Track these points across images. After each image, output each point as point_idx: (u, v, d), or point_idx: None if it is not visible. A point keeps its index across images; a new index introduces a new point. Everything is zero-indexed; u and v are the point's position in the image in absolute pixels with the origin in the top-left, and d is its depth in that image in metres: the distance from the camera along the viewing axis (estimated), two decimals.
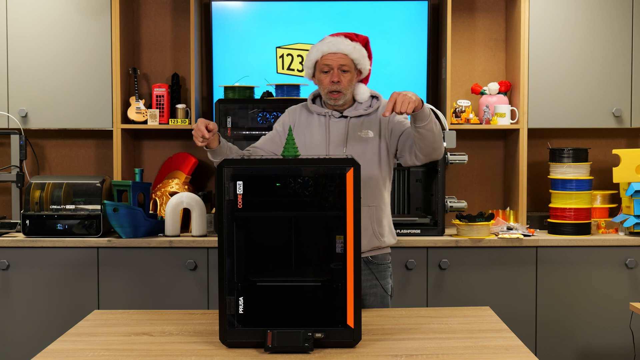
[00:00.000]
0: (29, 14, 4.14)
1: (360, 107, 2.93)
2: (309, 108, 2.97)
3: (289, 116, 3.02)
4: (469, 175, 4.52)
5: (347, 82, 2.86)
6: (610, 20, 4.15)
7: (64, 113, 4.17)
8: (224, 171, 2.29)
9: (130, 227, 3.87)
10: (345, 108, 2.93)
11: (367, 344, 2.33)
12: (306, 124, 2.95)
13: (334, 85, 2.84)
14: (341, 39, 2.87)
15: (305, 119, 2.96)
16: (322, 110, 2.93)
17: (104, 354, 2.25)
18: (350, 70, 2.86)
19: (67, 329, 2.57)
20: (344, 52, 2.85)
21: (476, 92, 4.33)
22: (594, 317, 3.95)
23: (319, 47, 2.87)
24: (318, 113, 2.94)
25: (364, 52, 2.91)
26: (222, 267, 2.29)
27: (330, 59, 2.84)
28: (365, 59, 2.91)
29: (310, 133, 2.92)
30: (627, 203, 4.02)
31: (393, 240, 2.97)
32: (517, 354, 2.25)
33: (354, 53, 2.86)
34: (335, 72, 2.84)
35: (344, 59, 2.85)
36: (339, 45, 2.84)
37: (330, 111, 2.92)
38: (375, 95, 2.97)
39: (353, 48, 2.86)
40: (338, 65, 2.84)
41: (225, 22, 4.34)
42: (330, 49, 2.85)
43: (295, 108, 3.03)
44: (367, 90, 2.95)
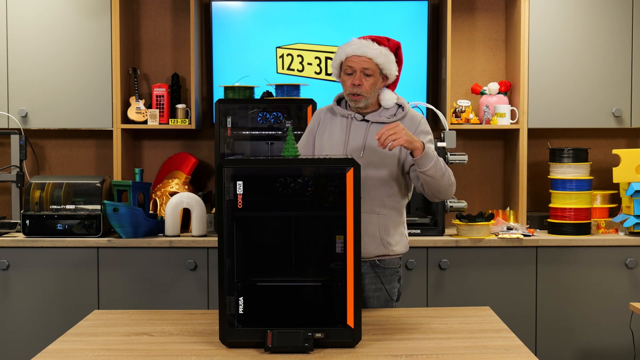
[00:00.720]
0: (29, 14, 4.14)
1: (385, 113, 2.89)
2: (334, 109, 2.95)
3: (315, 118, 3.01)
4: (469, 175, 4.52)
5: (370, 86, 2.82)
6: (610, 20, 4.15)
7: (64, 113, 4.17)
8: (224, 171, 2.29)
9: (130, 227, 3.87)
10: (368, 112, 2.89)
11: (367, 344, 2.33)
12: (329, 124, 2.93)
13: (355, 88, 2.81)
14: (368, 42, 2.83)
15: (329, 120, 2.94)
16: (346, 112, 2.90)
17: (104, 354, 2.25)
18: (373, 75, 2.82)
19: (67, 329, 2.57)
20: (369, 55, 2.80)
21: (476, 92, 4.33)
22: (594, 317, 3.95)
23: (344, 49, 2.84)
24: (341, 115, 2.91)
25: (391, 57, 2.85)
26: (222, 267, 2.29)
27: (353, 61, 2.81)
28: (392, 64, 2.85)
29: (330, 134, 2.90)
30: (627, 203, 4.02)
31: (403, 249, 2.91)
32: (517, 354, 2.25)
33: (379, 58, 2.81)
34: (357, 75, 2.80)
35: (367, 62, 2.80)
36: (363, 49, 2.81)
37: (352, 113, 2.89)
38: (401, 104, 2.91)
39: (379, 52, 2.81)
40: (361, 69, 2.80)
41: (225, 22, 4.34)
42: (355, 52, 2.81)
43: (321, 109, 3.02)
44: (394, 97, 2.90)
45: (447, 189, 2.79)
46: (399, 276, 2.94)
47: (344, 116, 2.91)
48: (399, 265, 2.93)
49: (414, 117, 2.91)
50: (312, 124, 3.00)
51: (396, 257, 2.91)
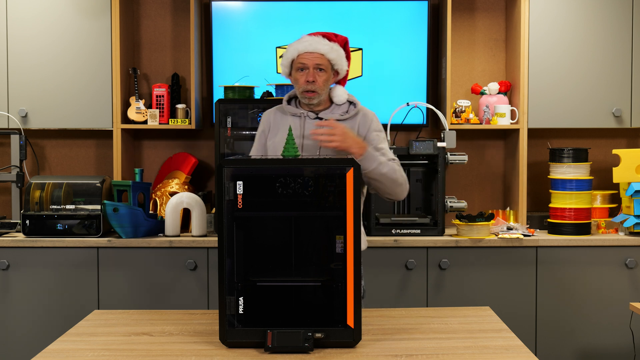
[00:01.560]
0: (29, 14, 4.14)
1: (337, 110, 2.91)
2: (284, 109, 2.95)
3: (264, 121, 3.00)
4: (469, 175, 4.52)
5: (323, 82, 2.85)
6: (610, 20, 4.15)
7: (64, 113, 4.17)
8: (224, 171, 2.29)
9: (130, 227, 3.87)
10: (321, 109, 2.91)
11: (367, 344, 2.33)
12: (280, 125, 2.93)
13: (309, 84, 2.83)
14: (319, 38, 2.86)
15: (280, 121, 2.94)
16: (297, 111, 2.91)
17: (104, 354, 2.25)
18: (326, 70, 2.85)
19: (67, 329, 2.57)
20: (321, 51, 2.84)
21: (476, 92, 4.33)
22: (594, 317, 3.95)
23: (296, 46, 2.86)
24: (293, 114, 2.92)
25: (341, 52, 2.90)
26: (222, 267, 2.29)
27: (306, 58, 2.83)
28: (342, 59, 2.90)
29: (283, 134, 2.89)
30: (627, 203, 4.02)
31: (363, 246, 2.92)
32: (517, 354, 2.25)
33: (331, 53, 2.85)
34: (310, 72, 2.83)
35: (320, 58, 2.84)
36: (315, 45, 2.84)
37: (305, 112, 2.90)
38: (352, 101, 2.95)
39: (330, 48, 2.85)
40: (314, 65, 2.83)
41: (225, 22, 4.34)
42: (307, 48, 2.84)
43: (269, 112, 3.00)
44: (345, 93, 2.93)
45: (396, 190, 2.82)
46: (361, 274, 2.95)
47: (295, 115, 2.91)
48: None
49: (366, 114, 2.93)
50: (261, 127, 2.99)
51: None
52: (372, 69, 4.34)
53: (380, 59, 4.34)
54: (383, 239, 3.88)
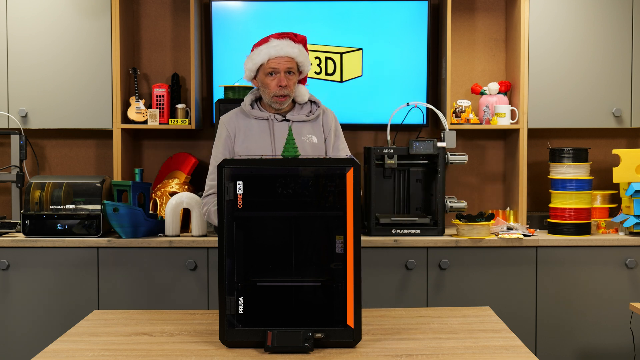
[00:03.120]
0: (29, 14, 4.14)
1: (302, 111, 2.94)
2: (247, 113, 2.94)
3: (227, 127, 2.97)
4: (469, 175, 4.52)
5: (293, 85, 2.89)
6: (610, 20, 4.15)
7: (64, 113, 4.17)
8: (224, 171, 2.29)
9: (130, 227, 3.87)
10: (286, 111, 2.93)
11: (367, 344, 2.33)
12: (246, 130, 2.93)
13: (282, 89, 2.84)
14: (287, 41, 2.88)
15: (244, 126, 2.93)
16: (264, 115, 2.91)
17: (104, 354, 2.25)
18: (295, 73, 2.89)
19: (67, 329, 2.57)
20: (291, 55, 2.86)
21: (476, 92, 4.33)
22: (594, 317, 3.95)
23: (267, 50, 2.86)
24: (258, 117, 2.92)
25: (306, 53, 2.93)
26: (222, 267, 2.29)
27: (277, 62, 2.85)
28: (307, 60, 2.94)
29: (253, 139, 2.90)
30: (627, 203, 4.02)
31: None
32: (517, 354, 2.25)
33: (299, 56, 2.88)
34: (282, 76, 2.84)
35: (290, 62, 2.86)
36: (286, 49, 2.85)
37: (272, 115, 2.91)
38: (314, 100, 2.98)
39: (298, 51, 2.88)
40: (285, 69, 2.85)
41: (225, 22, 4.34)
42: (278, 53, 2.85)
43: (229, 116, 2.99)
44: (307, 92, 2.96)
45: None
46: None
47: (262, 119, 2.91)
48: None
49: (328, 114, 3.01)
50: (224, 133, 2.97)
51: None
52: (372, 69, 4.34)
53: (380, 59, 4.34)
54: (383, 239, 3.88)
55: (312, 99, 2.99)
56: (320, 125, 2.94)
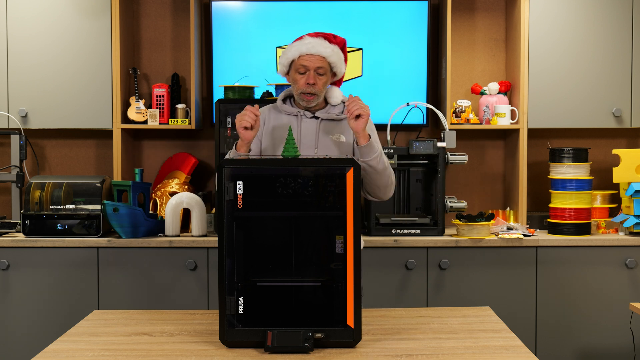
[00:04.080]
0: (29, 14, 4.14)
1: (333, 110, 2.92)
2: (279, 108, 2.94)
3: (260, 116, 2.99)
4: (469, 175, 4.52)
5: (322, 85, 2.85)
6: (610, 20, 4.15)
7: (64, 113, 4.17)
8: (224, 171, 2.29)
9: (130, 227, 3.87)
10: (317, 109, 2.91)
11: (367, 344, 2.33)
12: (275, 124, 2.92)
13: (309, 87, 2.83)
14: (320, 40, 2.85)
15: (275, 119, 2.93)
16: (294, 110, 2.91)
17: (104, 354, 2.25)
18: (326, 73, 2.85)
19: (67, 329, 2.57)
20: (323, 54, 2.83)
21: (476, 92, 4.33)
22: (594, 317, 3.95)
23: (298, 47, 2.85)
24: (288, 113, 2.91)
25: (341, 55, 2.89)
26: (222, 267, 2.29)
27: (307, 60, 2.82)
28: (342, 62, 2.90)
29: (279, 133, 2.89)
30: (627, 203, 4.02)
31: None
32: (517, 354, 2.25)
33: (332, 57, 2.84)
34: (311, 74, 2.82)
35: (321, 61, 2.83)
36: (318, 48, 2.82)
37: (301, 111, 2.90)
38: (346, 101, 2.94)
39: (331, 51, 2.84)
40: (315, 68, 2.82)
41: (225, 22, 4.34)
42: (310, 51, 2.82)
43: (264, 109, 2.99)
44: (340, 94, 2.94)
45: (386, 188, 2.85)
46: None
47: (291, 114, 2.91)
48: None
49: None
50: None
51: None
52: (372, 69, 4.34)
53: (380, 59, 4.34)
54: (383, 239, 3.88)
55: (345, 99, 2.95)
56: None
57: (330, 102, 2.93)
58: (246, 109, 2.76)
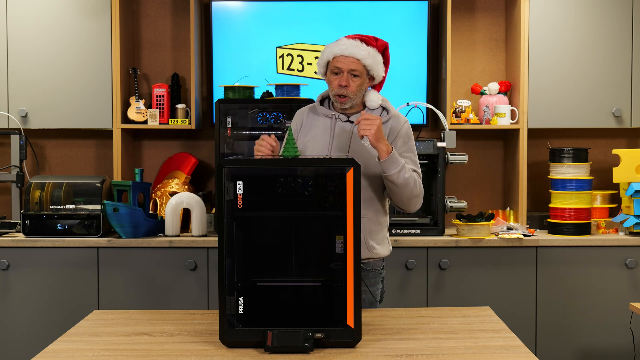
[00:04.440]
0: (29, 14, 4.14)
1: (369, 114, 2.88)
2: (316, 109, 2.91)
3: (297, 118, 2.97)
4: (469, 175, 4.52)
5: (356, 87, 2.78)
6: (610, 20, 4.15)
7: (64, 113, 4.17)
8: (224, 171, 2.29)
9: (130, 227, 3.87)
10: (353, 112, 2.86)
11: (367, 344, 2.33)
12: (312, 125, 2.88)
13: (342, 89, 2.76)
14: (357, 42, 2.78)
15: (312, 120, 2.90)
16: (329, 112, 2.86)
17: (104, 354, 2.25)
18: (361, 76, 2.78)
19: (67, 329, 2.57)
20: (357, 57, 2.75)
21: (476, 92, 4.33)
22: (594, 317, 3.95)
23: (332, 48, 2.79)
24: (325, 114, 2.87)
25: (379, 58, 2.81)
26: (222, 267, 2.29)
27: (341, 62, 2.76)
28: (379, 65, 2.81)
29: (313, 134, 2.86)
30: (627, 203, 4.02)
31: (387, 252, 2.89)
32: (517, 354, 2.25)
33: (367, 59, 2.77)
34: (344, 76, 2.76)
35: (355, 63, 2.76)
36: (352, 50, 2.76)
37: (337, 114, 2.85)
38: (385, 106, 2.88)
39: (367, 54, 2.76)
40: (348, 70, 2.75)
41: (225, 22, 4.34)
42: (343, 52, 2.76)
43: (303, 110, 2.97)
44: (379, 98, 2.86)
45: (410, 201, 2.76)
46: (382, 277, 2.92)
47: (327, 116, 2.87)
48: (382, 267, 2.91)
49: (398, 119, 2.89)
50: (294, 124, 2.96)
51: (379, 259, 2.89)
52: None
53: None
54: None
55: (384, 104, 2.88)
56: (387, 132, 2.83)
57: (368, 106, 2.85)
58: (262, 139, 2.71)
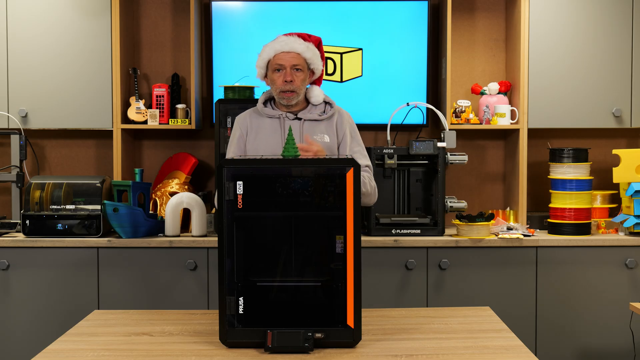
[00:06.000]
0: (29, 14, 4.14)
1: (315, 110, 2.92)
2: (260, 112, 2.94)
3: (241, 125, 2.98)
4: (469, 175, 4.52)
5: (300, 82, 2.86)
6: (610, 20, 4.15)
7: (64, 113, 4.17)
8: (224, 171, 2.29)
9: (130, 227, 3.87)
10: (298, 110, 2.92)
11: (367, 344, 2.33)
12: (257, 128, 2.92)
13: (287, 84, 2.84)
14: (294, 38, 2.87)
15: (257, 124, 2.94)
16: (275, 113, 2.91)
17: (104, 354, 2.25)
18: (303, 70, 2.87)
19: (67, 329, 2.57)
20: (297, 51, 2.85)
21: (476, 92, 4.33)
22: (594, 317, 3.95)
23: (272, 46, 2.88)
24: (270, 116, 2.92)
25: (317, 51, 2.91)
26: (222, 267, 2.29)
27: (282, 58, 2.85)
28: (318, 58, 2.92)
29: (264, 137, 2.89)
30: (627, 203, 4.02)
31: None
32: (517, 354, 2.25)
33: (306, 52, 2.86)
34: (288, 71, 2.84)
35: (296, 58, 2.85)
36: (291, 45, 2.85)
37: (284, 113, 2.91)
38: (328, 101, 2.96)
39: (306, 47, 2.86)
40: (291, 65, 2.84)
41: (225, 22, 4.34)
42: (283, 48, 2.85)
43: (244, 116, 3.00)
44: (321, 93, 2.94)
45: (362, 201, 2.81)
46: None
47: (274, 117, 2.91)
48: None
49: (342, 115, 2.96)
50: (238, 132, 2.98)
51: None
52: (372, 69, 4.34)
53: (380, 59, 4.34)
54: (383, 239, 3.88)
55: (327, 100, 2.97)
56: (334, 126, 2.92)
57: (312, 102, 2.95)
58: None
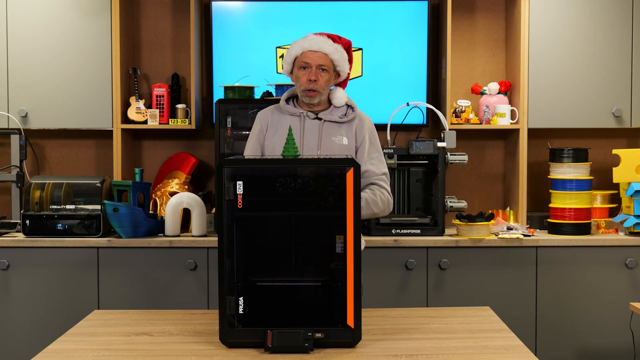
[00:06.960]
0: (29, 14, 4.14)
1: (336, 112, 2.91)
2: (282, 109, 2.93)
3: (262, 120, 2.97)
4: (469, 175, 4.52)
5: (325, 82, 2.85)
6: (610, 20, 4.15)
7: (64, 113, 4.17)
8: (224, 171, 2.29)
9: (130, 227, 3.87)
10: (320, 110, 2.91)
11: (367, 344, 2.33)
12: (278, 125, 2.91)
13: (311, 83, 2.82)
14: (324, 38, 2.86)
15: (278, 121, 2.92)
16: (297, 111, 2.90)
17: (104, 354, 2.25)
18: (328, 71, 2.85)
19: (67, 329, 2.57)
20: (325, 51, 2.83)
21: (476, 92, 4.33)
22: (594, 317, 3.95)
23: (301, 44, 2.86)
24: (291, 113, 2.90)
25: (345, 54, 2.90)
26: (222, 267, 2.29)
27: (310, 57, 2.83)
28: (345, 61, 2.90)
29: (282, 133, 2.88)
30: (627, 203, 4.02)
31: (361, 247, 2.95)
32: (517, 354, 2.25)
33: (334, 54, 2.85)
34: (313, 71, 2.82)
35: (323, 58, 2.84)
36: (320, 44, 2.83)
37: (305, 112, 2.90)
38: (351, 104, 2.95)
39: (334, 49, 2.85)
40: (317, 64, 2.82)
41: (225, 22, 4.34)
42: (312, 47, 2.83)
43: (266, 111, 2.99)
44: (344, 96, 2.93)
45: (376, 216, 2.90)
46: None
47: (294, 115, 2.90)
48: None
49: (363, 120, 2.95)
50: (258, 127, 2.97)
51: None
52: (372, 69, 4.34)
53: (380, 59, 4.34)
54: (383, 239, 3.88)
55: (349, 103, 2.95)
56: (354, 130, 2.90)
57: (334, 103, 2.92)
58: None
